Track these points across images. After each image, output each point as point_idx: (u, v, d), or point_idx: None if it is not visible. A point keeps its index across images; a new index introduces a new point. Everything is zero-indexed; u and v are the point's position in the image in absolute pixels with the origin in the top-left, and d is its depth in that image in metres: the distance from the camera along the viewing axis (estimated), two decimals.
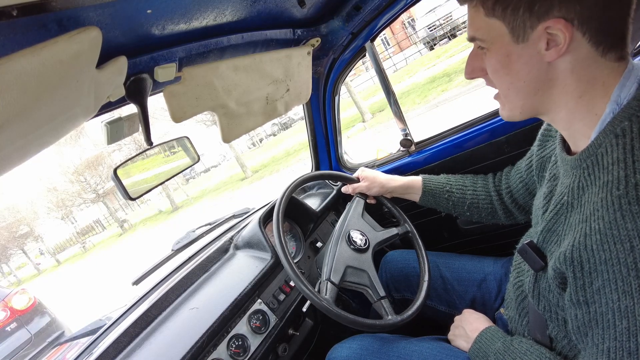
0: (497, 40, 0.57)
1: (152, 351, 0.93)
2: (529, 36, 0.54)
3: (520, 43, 0.55)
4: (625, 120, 0.52)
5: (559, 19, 0.51)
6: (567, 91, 0.56)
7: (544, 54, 0.54)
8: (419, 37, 14.38)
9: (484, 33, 0.58)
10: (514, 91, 0.60)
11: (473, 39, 0.61)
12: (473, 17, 0.59)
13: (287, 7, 0.90)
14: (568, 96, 0.57)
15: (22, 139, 0.48)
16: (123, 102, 0.76)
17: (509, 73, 0.59)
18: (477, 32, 0.59)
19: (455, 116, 4.11)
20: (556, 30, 0.52)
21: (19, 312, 4.60)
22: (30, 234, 25.30)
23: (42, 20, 0.46)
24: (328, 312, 0.89)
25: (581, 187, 0.56)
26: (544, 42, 0.53)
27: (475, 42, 0.61)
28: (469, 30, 0.61)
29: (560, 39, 0.52)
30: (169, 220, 17.36)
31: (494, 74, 0.61)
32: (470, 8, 0.59)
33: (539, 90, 0.58)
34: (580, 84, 0.55)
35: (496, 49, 0.58)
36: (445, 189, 1.12)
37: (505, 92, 0.62)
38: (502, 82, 0.61)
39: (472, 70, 0.64)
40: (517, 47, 0.56)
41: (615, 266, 0.48)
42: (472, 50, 0.64)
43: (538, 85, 0.58)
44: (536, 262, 0.65)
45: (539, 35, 0.53)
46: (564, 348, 0.68)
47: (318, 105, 1.44)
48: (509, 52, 0.57)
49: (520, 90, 0.59)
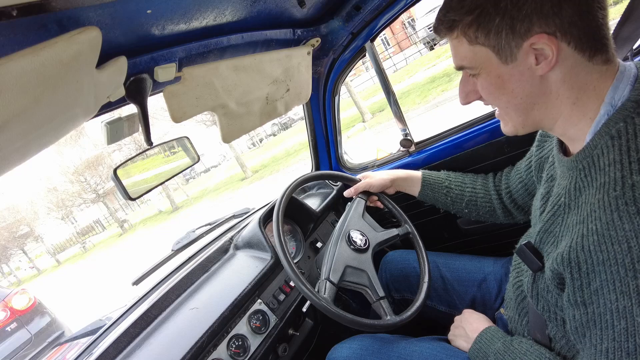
0: (485, 65, 0.58)
1: (152, 351, 0.93)
2: (517, 55, 0.55)
3: (509, 63, 0.56)
4: (620, 121, 0.52)
5: (541, 35, 0.52)
6: (561, 100, 0.57)
7: (535, 68, 0.55)
8: (419, 37, 14.38)
9: (471, 61, 0.59)
10: (513, 109, 0.61)
11: (461, 67, 0.62)
12: (457, 47, 0.60)
13: (287, 7, 0.90)
14: (562, 105, 0.58)
15: (22, 139, 0.48)
16: (123, 102, 0.76)
17: (504, 93, 0.60)
18: (464, 61, 0.60)
19: (456, 116, 4.13)
20: (541, 44, 0.53)
21: (19, 312, 4.60)
22: (30, 234, 25.30)
23: (42, 20, 0.46)
24: (327, 311, 0.89)
25: (578, 188, 0.57)
26: (533, 57, 0.54)
27: (465, 70, 0.63)
28: (455, 60, 0.62)
29: (547, 52, 0.53)
30: (169, 220, 17.36)
31: (489, 96, 0.62)
32: (452, 40, 0.60)
33: (536, 104, 0.59)
34: (572, 91, 0.56)
35: (486, 73, 0.59)
36: (444, 184, 1.13)
37: (504, 110, 0.63)
38: (499, 102, 0.62)
39: (466, 95, 0.65)
40: (507, 68, 0.57)
41: (613, 267, 0.48)
42: (462, 77, 0.65)
43: (534, 99, 0.59)
44: (533, 263, 0.65)
45: (526, 52, 0.54)
46: (563, 348, 0.69)
47: (318, 105, 1.44)
48: (500, 73, 0.58)
49: (518, 107, 0.60)
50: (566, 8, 0.51)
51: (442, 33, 0.61)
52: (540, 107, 0.59)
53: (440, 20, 0.60)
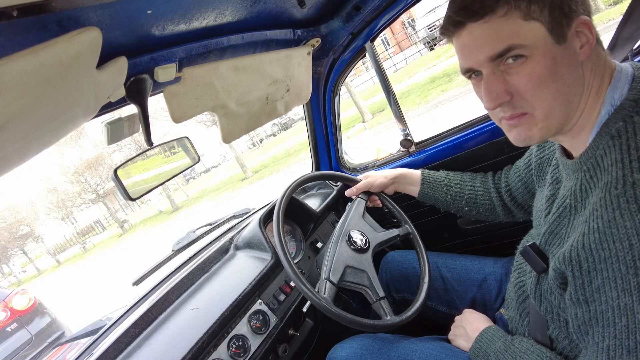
0: (539, 44, 0.52)
1: (152, 351, 0.93)
2: (567, 35, 0.52)
3: (562, 44, 0.52)
4: (619, 121, 0.53)
5: (584, 16, 0.53)
6: (589, 91, 0.56)
7: (579, 52, 0.54)
8: (419, 37, 14.38)
9: (525, 38, 0.52)
10: (561, 101, 0.54)
11: (508, 49, 0.52)
12: (501, 26, 0.52)
13: (287, 8, 0.90)
14: (589, 97, 0.56)
15: (22, 140, 0.49)
16: (123, 103, 0.76)
17: (555, 79, 0.53)
18: (515, 39, 0.52)
19: (456, 116, 4.11)
20: (582, 27, 0.53)
21: (19, 312, 4.60)
22: (30, 235, 25.31)
23: (42, 20, 0.46)
24: (327, 311, 0.89)
25: (584, 189, 0.57)
26: (577, 40, 0.53)
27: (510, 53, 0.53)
28: (495, 44, 0.53)
29: (585, 36, 0.53)
30: (169, 220, 17.36)
31: (539, 85, 0.53)
32: (496, 19, 0.52)
33: (576, 95, 0.54)
34: (597, 81, 0.56)
35: (541, 54, 0.52)
36: (443, 183, 1.13)
37: (550, 105, 0.54)
38: (547, 92, 0.53)
39: (497, 95, 0.55)
40: (560, 49, 0.52)
41: (614, 264, 0.48)
42: (485, 77, 0.56)
43: (576, 89, 0.54)
44: (538, 264, 0.65)
45: (573, 34, 0.53)
46: (564, 348, 0.68)
47: (318, 105, 1.44)
48: (554, 55, 0.52)
49: (566, 98, 0.54)
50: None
51: (480, 12, 0.52)
52: (577, 98, 0.55)
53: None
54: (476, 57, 0.55)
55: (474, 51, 0.55)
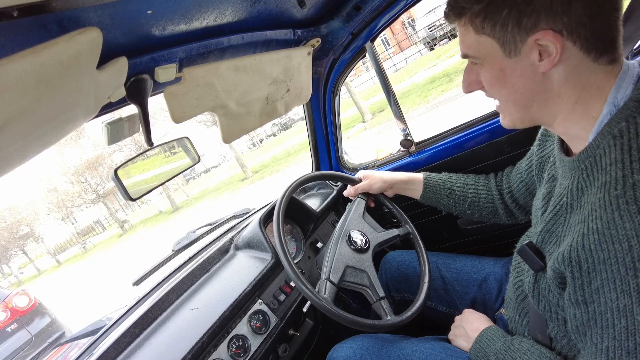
0: (489, 56, 0.58)
1: (152, 352, 0.93)
2: (521, 49, 0.55)
3: (512, 57, 0.56)
4: (622, 121, 0.52)
5: (547, 31, 0.52)
6: (562, 99, 0.57)
7: (537, 65, 0.55)
8: (419, 37, 14.38)
9: (476, 50, 0.59)
10: (512, 103, 0.61)
11: (466, 56, 0.62)
12: (464, 35, 0.60)
13: (287, 8, 0.90)
14: (564, 103, 0.57)
15: (22, 140, 0.49)
16: (123, 103, 0.76)
17: (505, 86, 0.60)
18: (469, 50, 0.61)
19: (456, 116, 4.12)
20: (546, 41, 0.52)
21: (19, 312, 4.60)
22: (30, 235, 25.31)
23: (42, 21, 0.46)
24: (327, 311, 0.89)
25: (580, 188, 0.57)
26: (536, 53, 0.54)
27: (469, 59, 0.63)
28: (461, 48, 0.63)
29: (551, 49, 0.53)
30: (170, 220, 17.36)
31: (491, 88, 0.62)
32: (460, 27, 0.60)
33: (535, 100, 0.59)
34: (575, 91, 0.56)
35: (489, 64, 0.59)
36: (446, 186, 1.12)
37: (504, 103, 0.63)
38: (499, 94, 0.62)
39: (469, 84, 0.65)
40: (510, 61, 0.57)
41: (613, 265, 0.48)
42: (467, 65, 0.65)
43: (534, 96, 0.59)
44: (535, 263, 0.65)
45: (530, 48, 0.54)
46: (564, 348, 0.68)
47: (318, 105, 1.44)
48: (503, 66, 0.58)
49: (518, 102, 0.61)
50: (576, 7, 0.50)
51: (450, 19, 0.61)
52: (539, 103, 0.59)
53: (451, 6, 0.60)
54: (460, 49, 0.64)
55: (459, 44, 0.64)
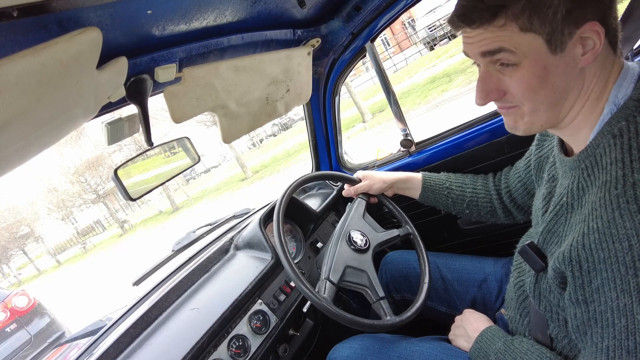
0: (531, 54, 0.52)
1: (152, 352, 0.93)
2: (567, 44, 0.52)
3: (557, 53, 0.52)
4: (622, 120, 0.52)
5: (594, 22, 0.50)
6: (588, 95, 0.55)
7: (579, 60, 0.52)
8: (419, 37, 14.38)
9: (517, 49, 0.53)
10: (547, 104, 0.55)
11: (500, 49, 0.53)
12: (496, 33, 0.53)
13: (287, 8, 0.90)
14: (588, 100, 0.56)
15: (22, 140, 0.49)
16: (123, 103, 0.76)
17: (544, 86, 0.54)
18: (509, 44, 0.53)
19: (456, 116, 4.12)
20: (590, 33, 0.51)
21: (18, 313, 4.60)
22: (30, 235, 25.30)
23: (42, 21, 0.46)
24: (326, 311, 0.89)
25: (581, 187, 0.57)
26: (580, 47, 0.52)
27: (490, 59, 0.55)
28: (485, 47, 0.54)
29: (592, 42, 0.51)
30: (169, 220, 17.36)
31: (527, 91, 0.55)
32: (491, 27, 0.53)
33: (567, 99, 0.55)
34: (600, 85, 0.55)
35: (530, 63, 0.53)
36: (445, 186, 1.13)
37: (535, 106, 0.56)
38: (535, 97, 0.55)
39: (488, 94, 0.58)
40: (554, 58, 0.52)
41: (614, 265, 0.48)
42: (482, 74, 0.58)
43: (567, 94, 0.55)
44: (536, 263, 0.65)
45: (575, 42, 0.52)
46: (564, 348, 0.68)
47: (318, 105, 1.44)
48: (547, 64, 0.53)
49: (553, 102, 0.55)
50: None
51: (478, 21, 0.53)
52: (569, 102, 0.55)
53: (477, 7, 0.52)
54: (472, 50, 0.57)
55: (471, 45, 0.57)
